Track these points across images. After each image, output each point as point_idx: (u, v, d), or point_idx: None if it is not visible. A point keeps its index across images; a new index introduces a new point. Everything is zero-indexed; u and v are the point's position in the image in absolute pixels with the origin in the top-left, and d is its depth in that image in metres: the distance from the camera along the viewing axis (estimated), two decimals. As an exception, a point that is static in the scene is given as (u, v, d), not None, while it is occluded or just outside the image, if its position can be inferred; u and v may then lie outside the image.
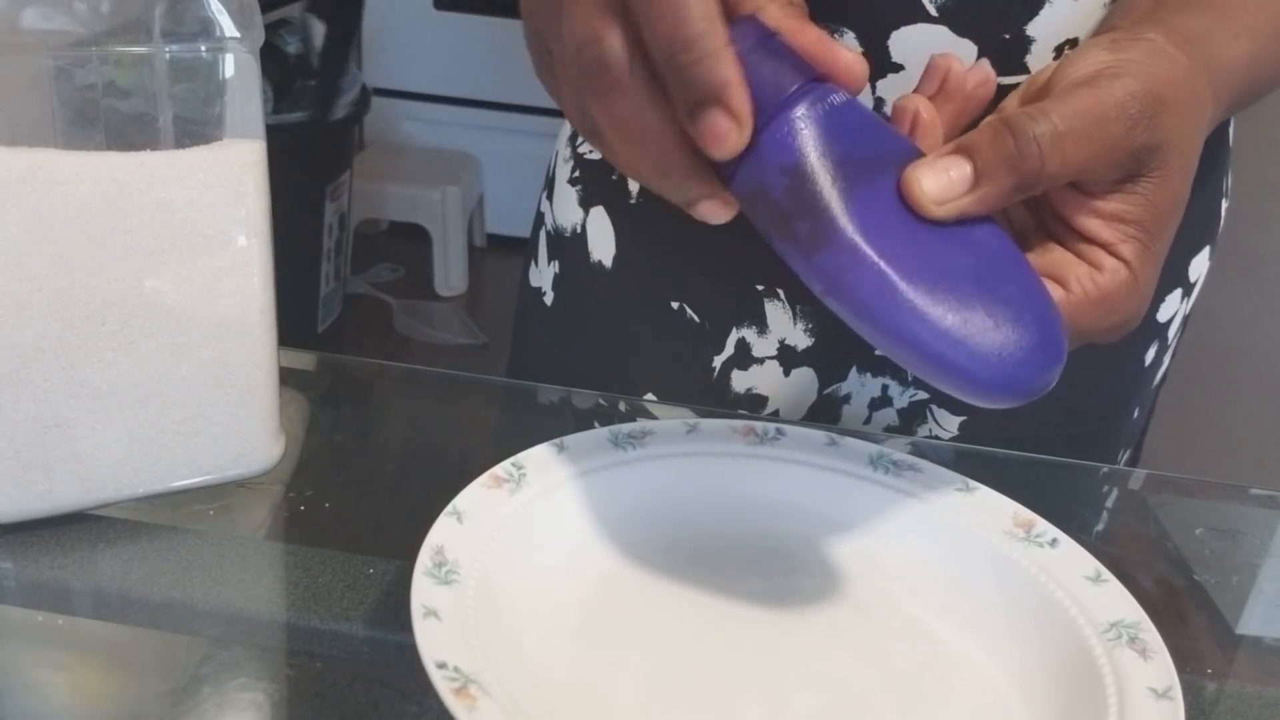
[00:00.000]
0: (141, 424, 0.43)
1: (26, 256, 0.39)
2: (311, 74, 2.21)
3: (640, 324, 0.60)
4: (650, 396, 0.61)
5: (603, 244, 0.61)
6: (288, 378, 0.49)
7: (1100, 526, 0.44)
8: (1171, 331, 0.60)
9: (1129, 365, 0.59)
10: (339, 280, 2.41)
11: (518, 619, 0.38)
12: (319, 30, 2.21)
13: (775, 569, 0.44)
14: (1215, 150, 0.58)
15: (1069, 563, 0.42)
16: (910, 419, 0.59)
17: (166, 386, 0.43)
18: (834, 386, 0.58)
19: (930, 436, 0.59)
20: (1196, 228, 0.58)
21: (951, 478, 0.46)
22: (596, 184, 0.61)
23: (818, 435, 0.49)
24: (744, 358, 0.59)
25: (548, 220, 0.65)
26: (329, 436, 0.54)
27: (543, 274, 0.65)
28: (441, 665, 0.33)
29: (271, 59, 2.14)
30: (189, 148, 0.42)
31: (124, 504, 0.44)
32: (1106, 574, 0.41)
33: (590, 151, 0.61)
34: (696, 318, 0.59)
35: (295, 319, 2.22)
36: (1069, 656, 0.38)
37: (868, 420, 0.59)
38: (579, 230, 0.62)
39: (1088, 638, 0.38)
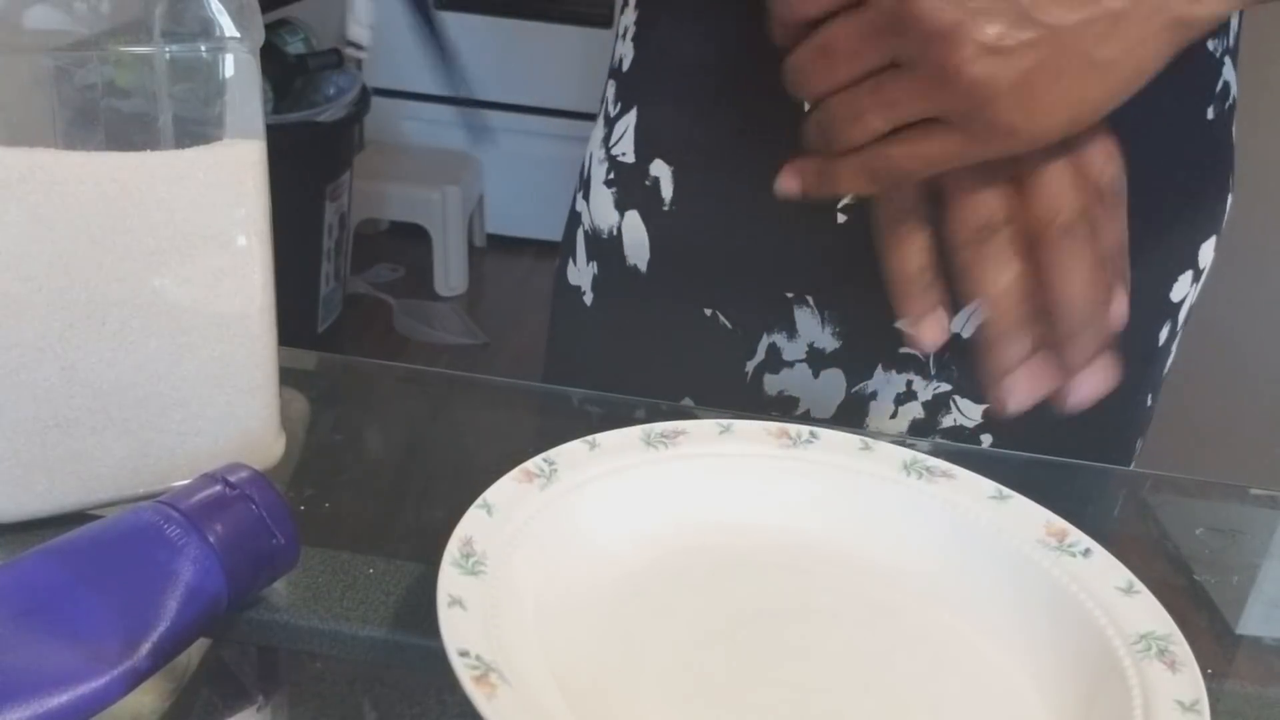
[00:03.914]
0: (141, 424, 0.43)
1: (26, 256, 0.39)
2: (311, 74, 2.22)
3: (675, 329, 0.61)
4: (687, 399, 0.62)
5: (638, 249, 0.61)
6: (288, 378, 0.49)
7: (1100, 526, 0.44)
8: (1182, 314, 0.61)
9: (1144, 345, 0.60)
10: (339, 280, 2.41)
11: (543, 612, 0.38)
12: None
13: (804, 572, 0.44)
14: (1220, 146, 0.58)
15: (1101, 573, 0.42)
16: (935, 411, 0.59)
17: (166, 386, 0.43)
18: (861, 385, 0.59)
19: (955, 426, 0.59)
20: (1204, 217, 0.59)
21: (985, 485, 0.46)
22: (630, 188, 0.61)
23: (851, 439, 0.48)
24: (775, 362, 0.59)
25: (584, 220, 0.65)
26: (329, 436, 0.54)
27: (581, 273, 0.65)
28: (464, 653, 0.33)
29: (271, 59, 2.14)
30: (189, 148, 0.42)
31: (124, 504, 0.44)
32: (1139, 585, 0.41)
33: (624, 154, 0.61)
34: (729, 324, 0.60)
35: (295, 319, 2.22)
36: (1096, 667, 0.38)
37: (894, 415, 0.60)
38: (615, 233, 0.62)
39: (1116, 649, 0.38)
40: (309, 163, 2.19)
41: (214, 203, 0.42)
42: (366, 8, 2.47)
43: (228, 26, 0.41)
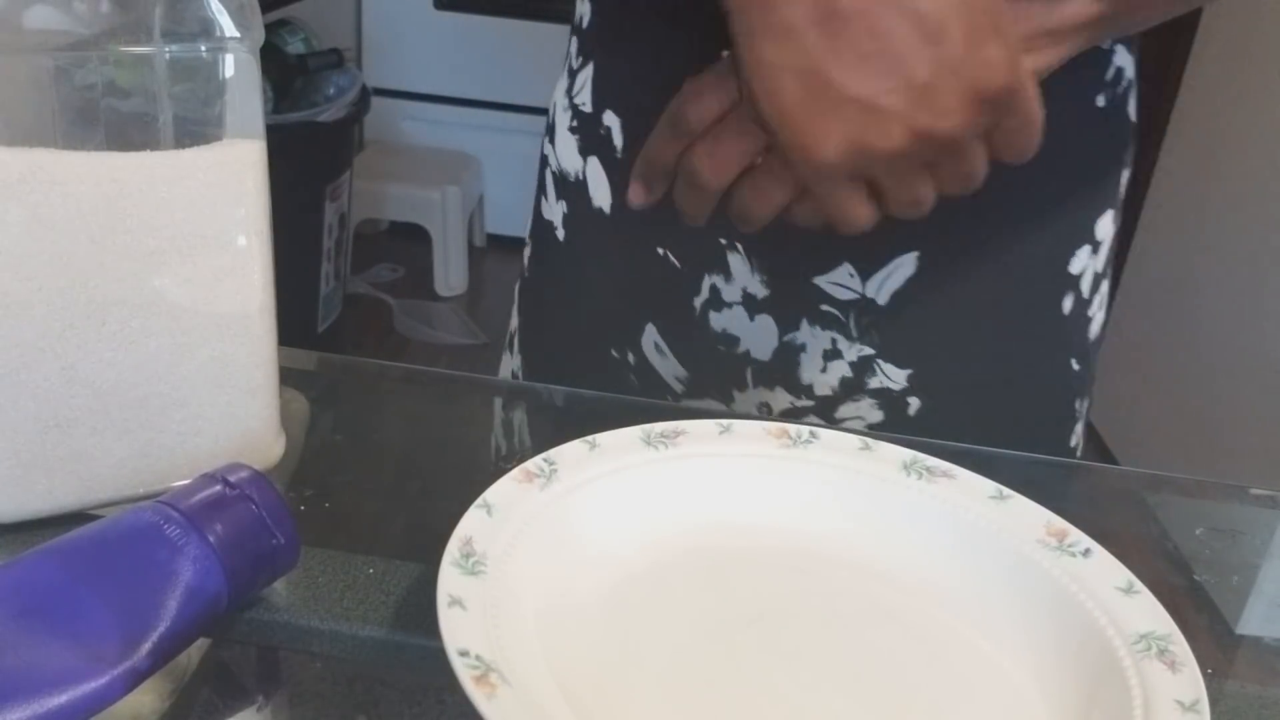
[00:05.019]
0: (141, 424, 0.43)
1: (26, 256, 0.39)
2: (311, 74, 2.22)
3: (636, 266, 0.66)
4: (650, 327, 0.66)
5: (601, 192, 0.65)
6: (288, 378, 0.49)
7: (1100, 526, 0.44)
8: (1085, 284, 0.63)
9: (1048, 314, 0.63)
10: (339, 280, 2.41)
11: (543, 612, 0.38)
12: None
13: (804, 572, 0.44)
14: (1113, 129, 0.62)
15: (1101, 573, 0.42)
16: (861, 371, 0.62)
17: (166, 386, 0.43)
18: (791, 335, 0.63)
19: (883, 388, 0.62)
20: (1099, 193, 0.62)
21: (985, 485, 0.46)
22: (590, 135, 0.65)
23: (851, 439, 0.48)
24: (717, 301, 0.64)
25: (551, 162, 0.69)
26: (329, 436, 0.54)
27: (553, 210, 0.70)
28: (464, 653, 0.33)
29: (271, 59, 2.14)
30: (189, 148, 0.42)
31: (124, 504, 0.44)
32: (1139, 585, 0.41)
33: (583, 104, 0.65)
34: (678, 264, 0.64)
35: (295, 319, 2.22)
36: (1096, 667, 0.38)
37: (824, 369, 0.63)
38: (580, 177, 0.66)
39: (1116, 649, 0.38)
40: (309, 163, 2.19)
41: (214, 203, 0.42)
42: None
43: (228, 26, 0.41)
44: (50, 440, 0.42)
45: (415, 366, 0.63)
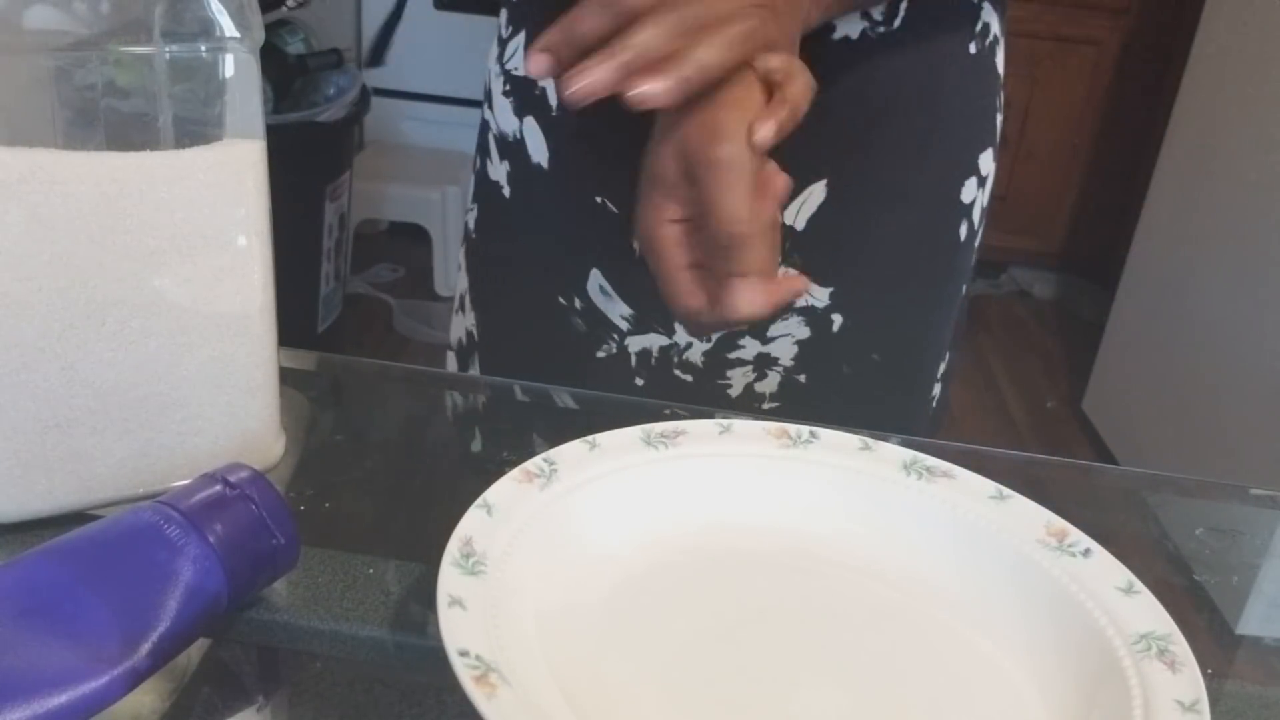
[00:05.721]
0: (141, 424, 0.43)
1: (26, 256, 0.39)
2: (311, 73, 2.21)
3: (575, 215, 0.70)
4: (595, 270, 0.70)
5: (538, 149, 0.70)
6: (288, 378, 0.49)
7: (1100, 526, 0.44)
8: (976, 214, 0.71)
9: (947, 239, 0.71)
10: (339, 280, 2.41)
11: (543, 612, 0.38)
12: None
13: (804, 572, 0.44)
14: (985, 74, 0.69)
15: (1101, 573, 0.42)
16: None
17: (166, 386, 0.43)
18: None
19: (809, 305, 0.68)
20: (978, 131, 0.71)
21: (985, 485, 0.46)
22: (524, 97, 0.70)
23: (851, 439, 0.48)
24: None
25: (492, 126, 0.74)
26: (329, 436, 0.54)
27: (498, 170, 0.74)
28: (464, 653, 0.33)
29: (271, 59, 2.14)
30: (189, 148, 0.42)
31: (124, 504, 0.44)
32: (1139, 585, 0.41)
33: (516, 69, 0.70)
34: (615, 209, 0.68)
35: (295, 319, 2.22)
36: (1096, 667, 0.38)
37: None
38: (518, 136, 0.71)
39: (1116, 649, 0.38)
40: (309, 163, 2.19)
41: (214, 203, 0.42)
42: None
43: (228, 26, 0.41)
44: (50, 440, 0.42)
45: (415, 366, 0.63)
